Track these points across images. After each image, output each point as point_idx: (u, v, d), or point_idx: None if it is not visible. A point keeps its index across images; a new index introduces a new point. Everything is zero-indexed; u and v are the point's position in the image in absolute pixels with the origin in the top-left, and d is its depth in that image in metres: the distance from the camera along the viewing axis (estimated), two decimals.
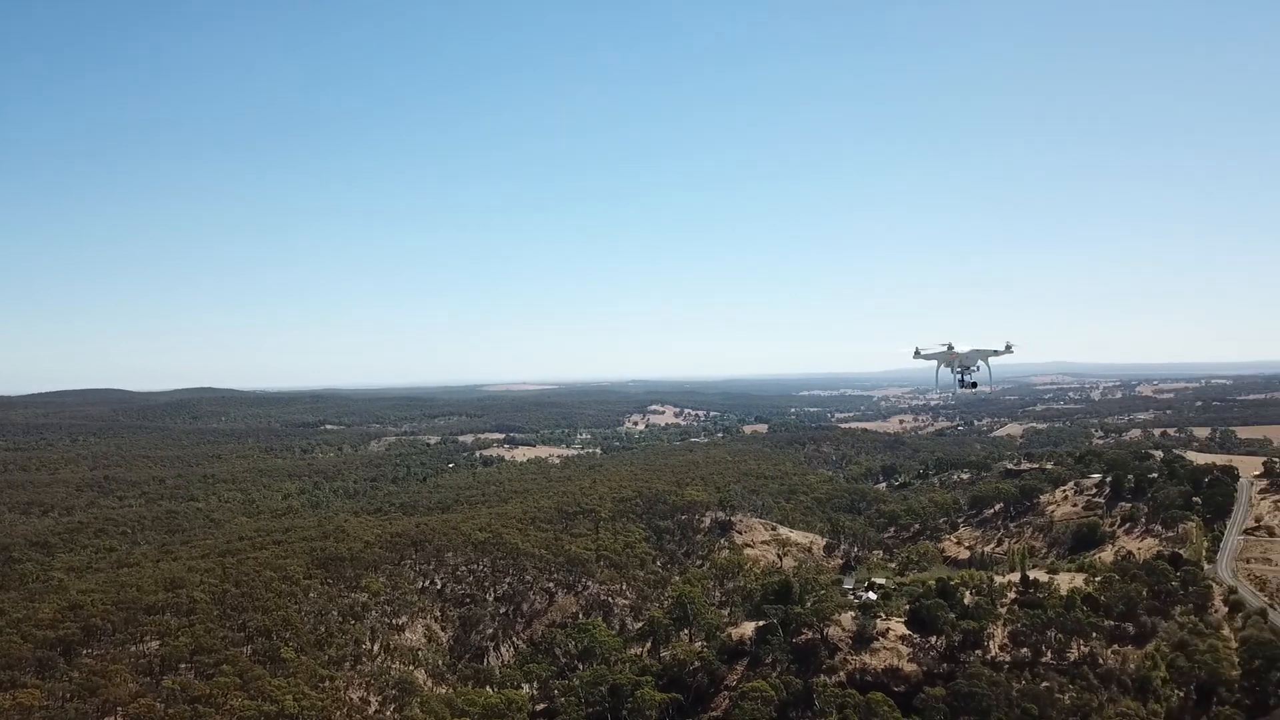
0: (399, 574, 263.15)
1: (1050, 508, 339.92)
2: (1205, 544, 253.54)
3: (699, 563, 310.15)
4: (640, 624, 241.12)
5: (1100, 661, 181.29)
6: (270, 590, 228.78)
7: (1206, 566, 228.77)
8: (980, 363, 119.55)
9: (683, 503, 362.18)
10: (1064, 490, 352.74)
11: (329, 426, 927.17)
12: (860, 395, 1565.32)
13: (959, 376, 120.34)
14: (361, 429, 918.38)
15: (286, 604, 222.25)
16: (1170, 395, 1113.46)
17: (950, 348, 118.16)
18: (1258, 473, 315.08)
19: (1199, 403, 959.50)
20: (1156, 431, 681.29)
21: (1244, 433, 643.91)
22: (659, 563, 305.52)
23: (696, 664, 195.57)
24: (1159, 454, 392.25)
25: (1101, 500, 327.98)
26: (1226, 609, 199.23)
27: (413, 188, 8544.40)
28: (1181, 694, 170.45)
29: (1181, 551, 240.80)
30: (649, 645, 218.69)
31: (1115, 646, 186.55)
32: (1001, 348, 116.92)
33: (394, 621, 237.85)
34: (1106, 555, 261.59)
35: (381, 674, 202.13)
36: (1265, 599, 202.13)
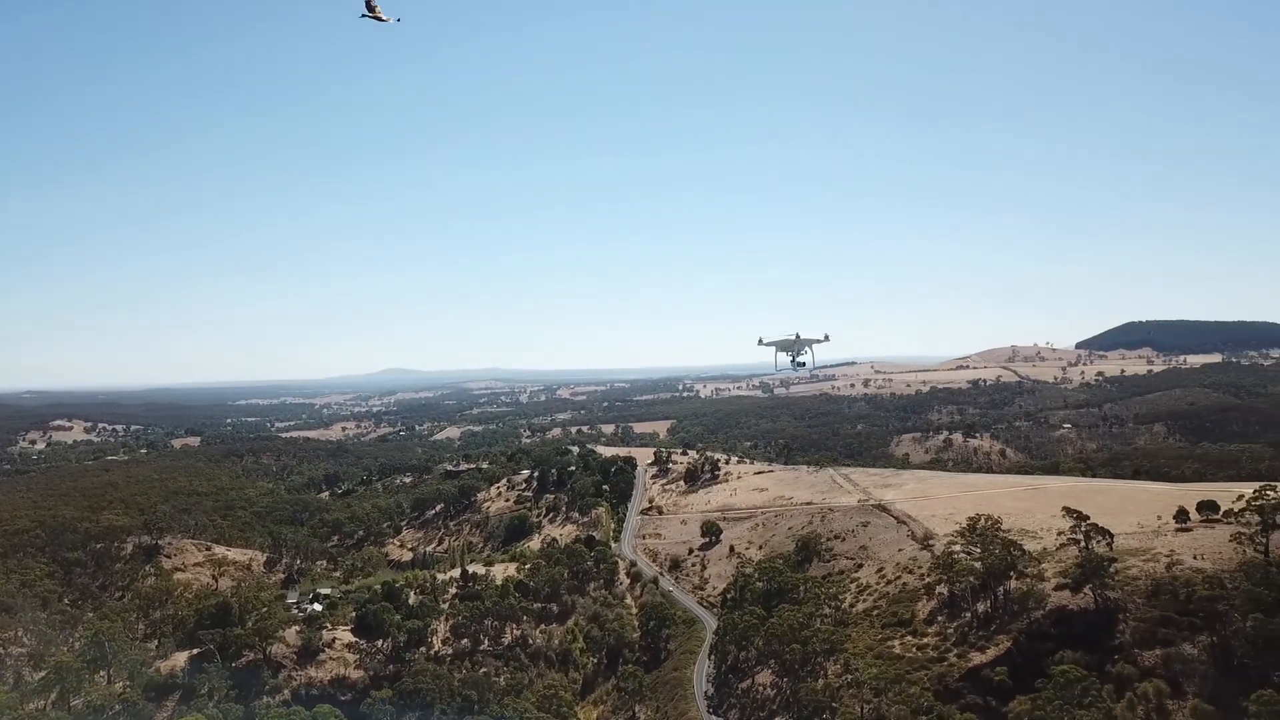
0: None
1: (487, 504, 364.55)
2: (613, 526, 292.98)
3: (119, 595, 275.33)
4: (43, 673, 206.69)
5: (530, 641, 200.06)
6: None
7: (614, 545, 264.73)
8: (807, 349, 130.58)
9: (98, 530, 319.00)
10: (498, 487, 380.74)
11: None
12: (302, 403, 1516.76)
13: (791, 359, 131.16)
14: None
15: None
16: (584, 397, 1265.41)
17: (798, 336, 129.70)
18: (650, 461, 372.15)
19: (606, 404, 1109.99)
20: (574, 429, 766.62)
21: (640, 428, 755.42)
22: (67, 600, 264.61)
23: (117, 708, 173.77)
24: (576, 449, 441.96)
25: (530, 494, 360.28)
26: (629, 580, 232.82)
27: None
28: (595, 660, 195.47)
29: (595, 534, 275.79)
30: (54, 696, 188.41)
31: (542, 626, 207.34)
32: (821, 337, 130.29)
33: None
34: (535, 544, 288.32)
35: None
36: (657, 568, 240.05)
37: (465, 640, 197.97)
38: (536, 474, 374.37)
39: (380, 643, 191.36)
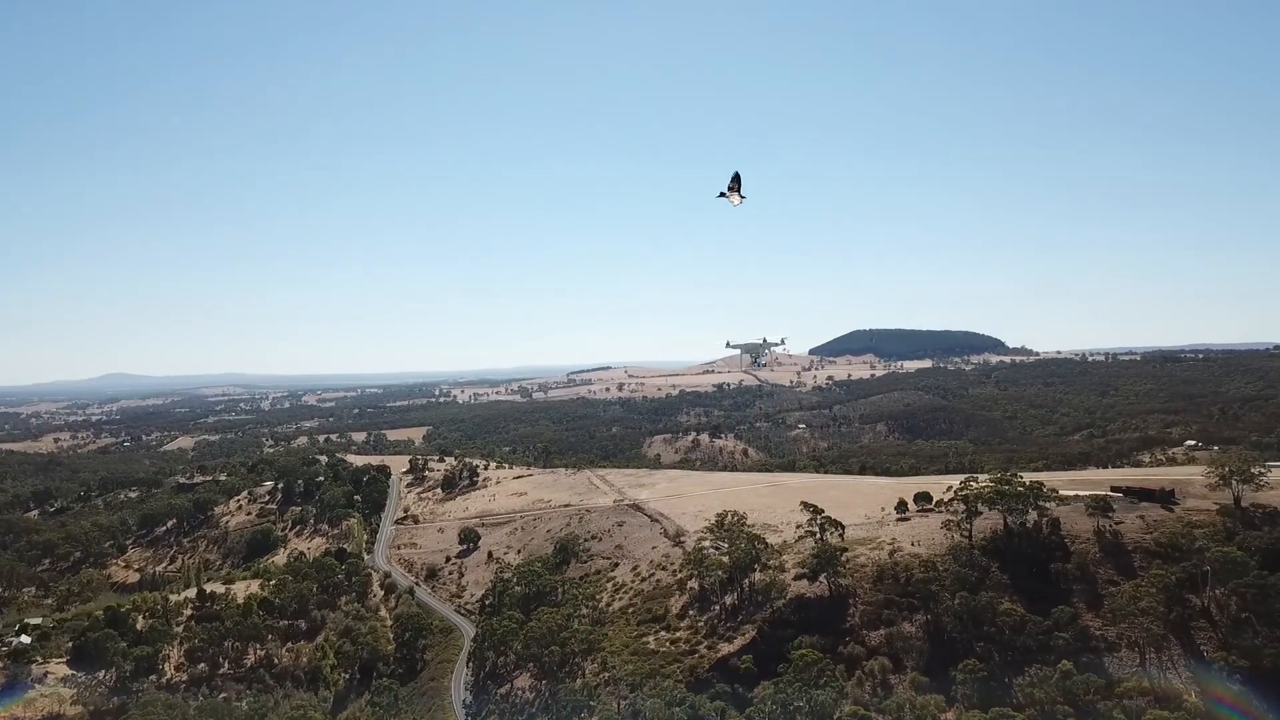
0: None
1: (225, 518, 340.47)
2: (366, 537, 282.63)
3: None
4: None
5: (276, 661, 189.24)
6: None
7: (367, 557, 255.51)
8: (769, 350, 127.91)
9: None
10: (238, 500, 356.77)
11: None
12: (5, 413, 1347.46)
13: (754, 360, 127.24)
14: None
15: None
16: (333, 404, 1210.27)
17: (764, 340, 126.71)
18: (405, 469, 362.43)
19: (356, 410, 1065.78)
20: (322, 438, 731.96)
21: (394, 435, 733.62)
22: None
23: None
24: (324, 459, 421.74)
25: (274, 506, 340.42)
26: (383, 592, 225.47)
27: None
28: (348, 676, 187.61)
29: (346, 546, 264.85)
30: None
31: (290, 644, 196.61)
32: (779, 341, 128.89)
33: None
34: (280, 558, 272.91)
35: None
36: (413, 578, 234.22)
37: (203, 665, 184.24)
38: (281, 485, 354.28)
39: (103, 674, 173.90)
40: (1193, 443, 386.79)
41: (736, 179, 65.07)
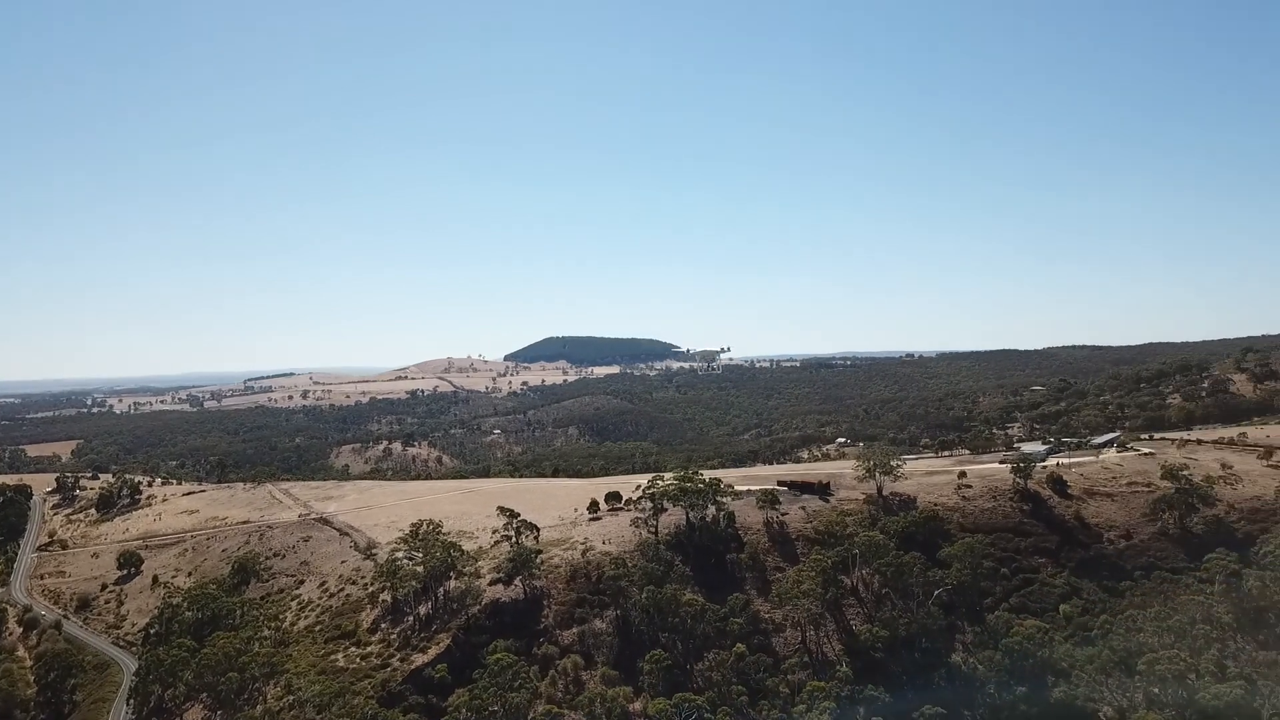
0: None
1: None
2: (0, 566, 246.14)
3: None
4: None
5: None
6: None
7: (1, 590, 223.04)
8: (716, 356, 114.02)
9: None
10: None
11: None
12: None
13: (706, 366, 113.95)
14: None
15: None
16: None
17: (722, 349, 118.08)
18: (51, 489, 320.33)
19: None
20: None
21: (35, 450, 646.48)
22: None
23: None
24: None
25: None
26: (22, 629, 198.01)
27: None
28: None
29: None
30: None
31: None
32: (719, 349, 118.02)
33: None
34: None
35: None
36: (60, 610, 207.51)
37: None
38: None
39: None
40: (843, 440, 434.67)
41: None
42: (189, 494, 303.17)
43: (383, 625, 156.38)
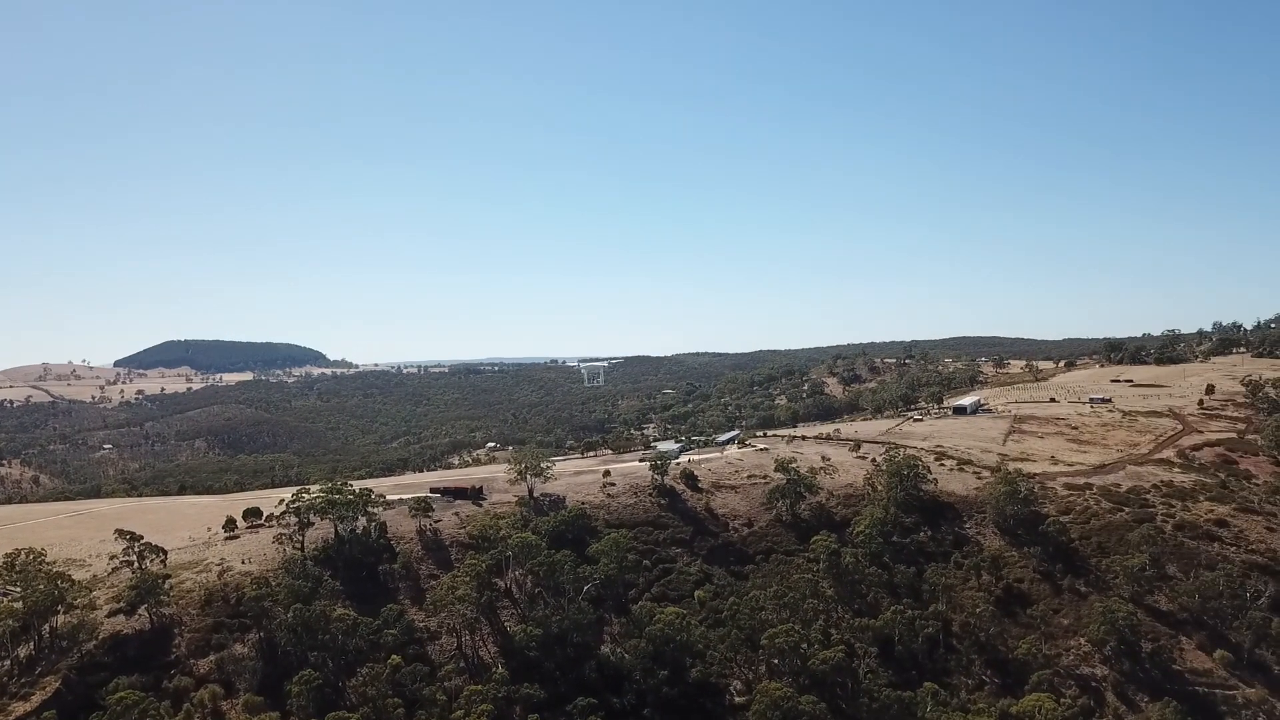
0: None
1: None
2: None
3: None
4: None
5: None
6: None
7: None
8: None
9: None
10: None
11: None
12: None
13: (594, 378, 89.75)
14: None
15: None
16: None
17: (609, 360, 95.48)
18: None
19: None
20: None
21: None
22: None
23: None
24: None
25: None
26: None
27: None
28: None
29: None
30: None
31: None
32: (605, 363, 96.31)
33: None
34: None
35: None
36: None
37: None
38: None
39: None
40: (493, 444, 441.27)
41: None
42: None
43: None
